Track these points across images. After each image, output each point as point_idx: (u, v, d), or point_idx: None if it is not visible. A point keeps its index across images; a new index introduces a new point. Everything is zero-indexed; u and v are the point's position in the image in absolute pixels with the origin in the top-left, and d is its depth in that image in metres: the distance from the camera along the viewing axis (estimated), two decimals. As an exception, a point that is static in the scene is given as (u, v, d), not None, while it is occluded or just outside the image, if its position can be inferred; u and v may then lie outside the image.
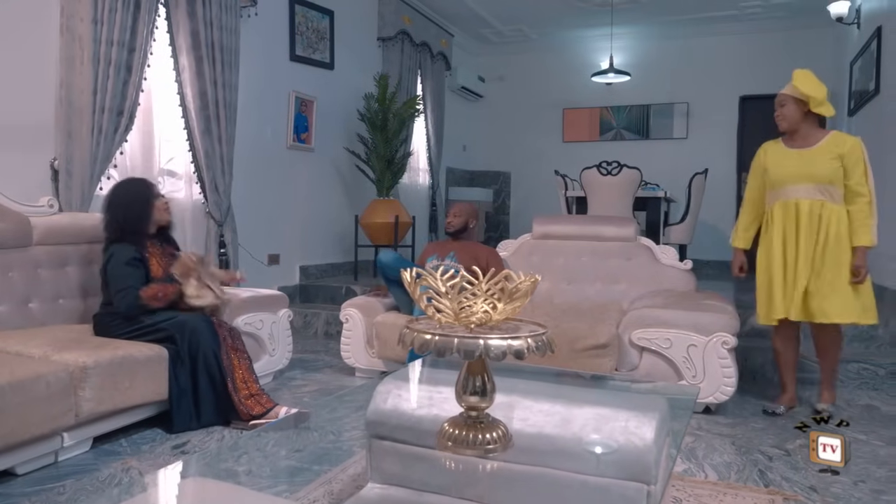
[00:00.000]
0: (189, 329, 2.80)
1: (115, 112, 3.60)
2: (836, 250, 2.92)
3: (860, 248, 2.89)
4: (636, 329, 3.16)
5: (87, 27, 3.42)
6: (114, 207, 2.99)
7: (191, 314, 2.91)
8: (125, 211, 2.98)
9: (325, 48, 5.78)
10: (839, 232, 2.92)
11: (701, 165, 6.40)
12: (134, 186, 3.10)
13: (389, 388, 1.81)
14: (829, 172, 2.93)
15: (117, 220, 2.97)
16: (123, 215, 2.97)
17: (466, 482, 1.60)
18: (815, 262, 2.94)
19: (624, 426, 1.56)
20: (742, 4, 7.08)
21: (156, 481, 1.86)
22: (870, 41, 5.33)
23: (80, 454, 2.49)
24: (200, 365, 2.79)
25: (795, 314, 2.97)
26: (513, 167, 8.95)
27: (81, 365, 2.42)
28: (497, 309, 1.32)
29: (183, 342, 2.79)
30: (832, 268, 2.91)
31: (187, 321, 2.83)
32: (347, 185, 6.22)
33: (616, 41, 7.64)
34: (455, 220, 3.81)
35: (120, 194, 3.04)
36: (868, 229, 2.89)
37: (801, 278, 2.96)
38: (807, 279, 2.95)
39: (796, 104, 3.00)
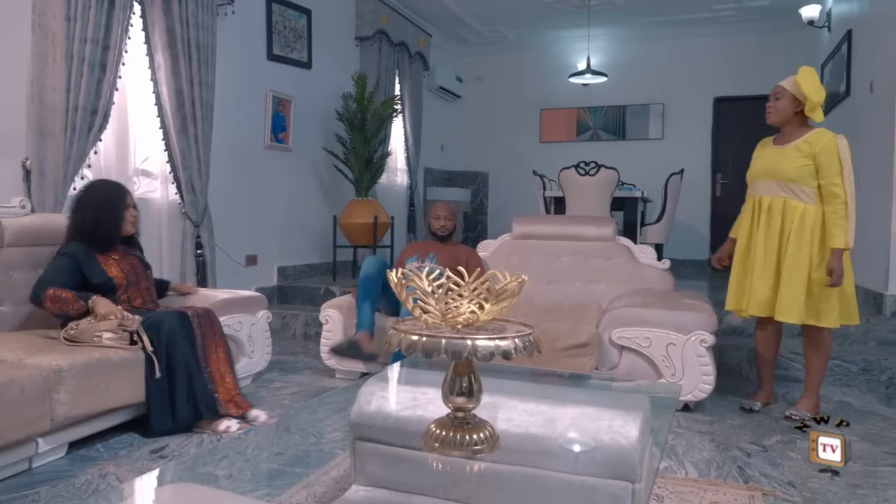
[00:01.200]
0: (165, 330, 2.74)
1: (89, 111, 3.54)
2: (794, 249, 2.90)
3: (834, 251, 2.83)
4: (616, 328, 3.19)
5: (59, 24, 3.36)
6: (84, 210, 2.92)
7: (165, 312, 2.86)
8: (95, 216, 2.90)
9: (303, 47, 5.74)
10: (801, 230, 2.89)
11: (677, 166, 6.48)
12: (108, 190, 3.00)
13: (373, 390, 1.80)
14: (791, 170, 2.91)
15: (85, 224, 2.89)
16: (94, 220, 2.90)
17: (453, 483, 1.59)
18: (777, 259, 2.96)
19: (609, 425, 1.56)
20: (716, 7, 7.18)
21: (133, 488, 1.83)
22: (840, 44, 5.44)
23: (55, 460, 2.44)
24: (177, 365, 2.74)
25: (755, 309, 3.02)
26: (491, 167, 8.98)
27: (56, 368, 2.36)
28: (484, 309, 1.31)
29: (159, 343, 2.73)
30: (788, 266, 2.91)
31: (163, 321, 2.76)
32: (325, 186, 6.18)
33: (593, 42, 7.71)
34: (448, 223, 3.85)
35: (94, 197, 2.95)
36: (842, 231, 2.83)
37: (756, 274, 2.99)
38: (764, 275, 2.97)
39: (792, 101, 2.94)
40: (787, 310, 2.92)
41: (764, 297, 2.98)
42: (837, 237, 2.83)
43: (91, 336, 2.63)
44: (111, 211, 2.95)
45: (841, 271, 2.83)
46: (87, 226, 2.90)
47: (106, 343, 2.62)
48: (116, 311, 2.71)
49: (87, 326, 2.66)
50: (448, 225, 3.85)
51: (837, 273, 2.82)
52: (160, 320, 2.77)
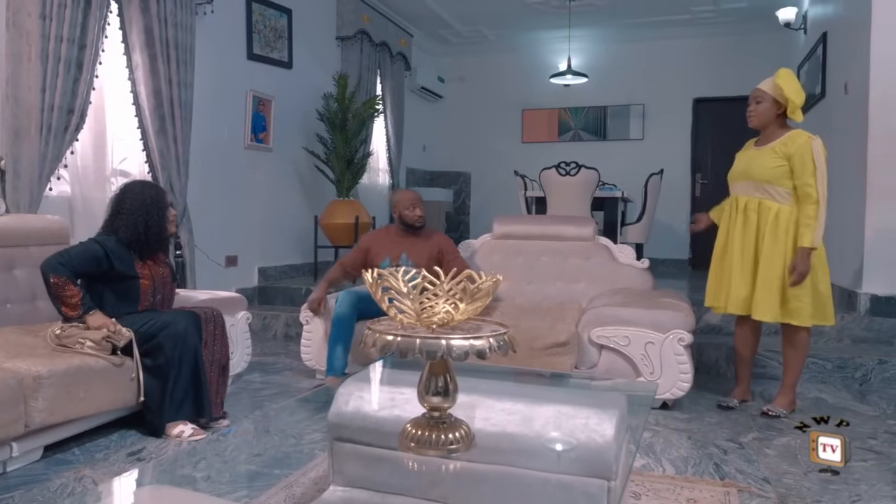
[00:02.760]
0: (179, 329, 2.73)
1: (66, 110, 3.50)
2: (769, 249, 2.94)
3: (801, 249, 2.87)
4: (595, 327, 3.21)
5: (34, 22, 3.32)
6: (134, 213, 2.83)
7: (178, 312, 2.86)
8: (145, 221, 2.83)
9: (283, 47, 5.72)
10: (775, 230, 2.93)
11: (657, 166, 6.53)
12: (149, 192, 2.92)
13: (351, 391, 1.80)
14: (765, 171, 2.96)
15: (137, 231, 2.82)
16: (145, 225, 2.82)
17: (429, 483, 1.60)
18: (754, 258, 3.00)
19: (584, 423, 1.58)
20: (695, 9, 7.25)
21: (109, 491, 1.82)
22: (816, 46, 5.52)
23: (29, 464, 2.41)
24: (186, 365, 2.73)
25: (734, 307, 3.07)
26: (473, 167, 9.00)
27: (35, 374, 2.33)
28: (458, 309, 1.32)
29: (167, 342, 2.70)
30: (763, 265, 2.96)
31: (176, 321, 2.75)
32: (306, 186, 6.16)
33: (573, 43, 7.75)
34: (422, 212, 3.66)
35: (144, 200, 2.86)
36: (810, 231, 2.85)
37: (734, 273, 3.04)
38: (742, 275, 3.01)
39: (773, 104, 2.95)
40: (762, 308, 2.97)
41: (742, 296, 3.03)
42: (805, 236, 2.87)
43: (75, 342, 2.61)
44: (158, 213, 2.89)
45: (804, 269, 2.87)
46: (139, 232, 2.82)
47: (87, 351, 2.60)
48: (109, 324, 2.68)
49: (74, 332, 2.64)
50: (423, 214, 3.67)
51: (800, 271, 2.87)
52: (173, 321, 2.76)
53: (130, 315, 2.79)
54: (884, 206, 4.02)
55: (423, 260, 3.49)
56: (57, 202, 3.64)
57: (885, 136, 4.01)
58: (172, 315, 2.82)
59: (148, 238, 2.85)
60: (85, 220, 3.81)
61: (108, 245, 2.78)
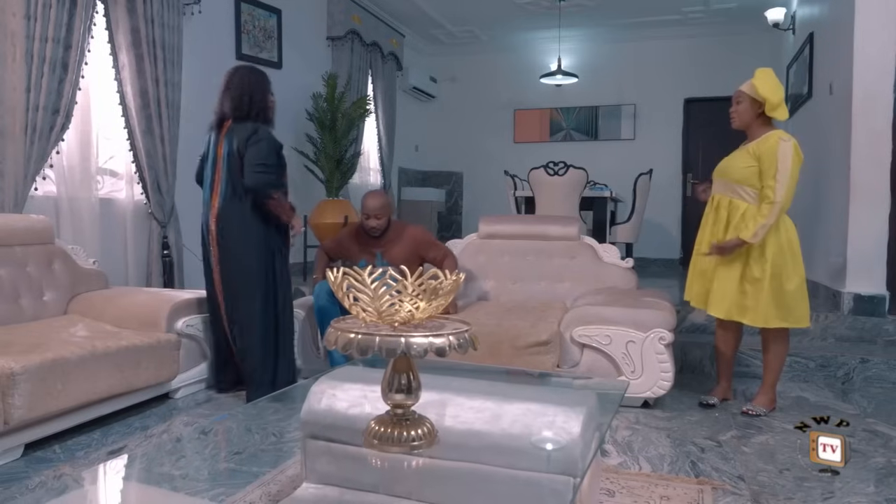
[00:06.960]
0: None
1: (51, 110, 3.51)
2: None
3: (737, 238, 2.91)
4: (577, 326, 3.22)
5: (19, 23, 3.32)
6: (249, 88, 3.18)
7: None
8: (260, 95, 3.21)
9: (273, 47, 5.72)
10: (738, 228, 2.95)
11: (648, 166, 6.55)
12: (258, 74, 3.27)
13: (324, 388, 1.81)
14: (736, 171, 2.99)
15: (266, 105, 3.20)
16: (261, 99, 3.20)
17: (396, 479, 1.62)
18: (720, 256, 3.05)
19: (551, 421, 1.59)
20: (685, 10, 7.27)
21: (85, 489, 1.83)
22: (803, 46, 5.54)
23: (9, 462, 2.42)
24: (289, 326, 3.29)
25: (695, 301, 3.16)
26: (465, 167, 9.02)
27: (9, 371, 2.34)
28: (419, 308, 1.34)
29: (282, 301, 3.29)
30: (721, 262, 3.01)
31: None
32: (296, 185, 6.11)
33: (564, 44, 7.77)
34: (378, 222, 3.54)
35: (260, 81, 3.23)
36: (755, 225, 2.86)
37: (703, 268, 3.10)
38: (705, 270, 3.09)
39: (752, 104, 2.97)
40: (715, 304, 3.03)
41: (702, 291, 3.10)
42: (748, 229, 2.90)
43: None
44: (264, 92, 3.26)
45: (723, 252, 2.97)
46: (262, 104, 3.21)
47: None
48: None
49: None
50: (379, 225, 3.53)
51: (718, 250, 2.97)
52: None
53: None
54: (867, 206, 4.03)
55: (401, 257, 3.48)
56: (42, 202, 3.65)
57: (868, 136, 4.03)
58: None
59: (263, 111, 3.23)
60: (70, 220, 3.81)
61: (274, 139, 3.18)
